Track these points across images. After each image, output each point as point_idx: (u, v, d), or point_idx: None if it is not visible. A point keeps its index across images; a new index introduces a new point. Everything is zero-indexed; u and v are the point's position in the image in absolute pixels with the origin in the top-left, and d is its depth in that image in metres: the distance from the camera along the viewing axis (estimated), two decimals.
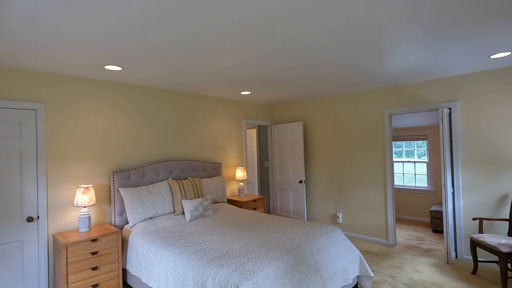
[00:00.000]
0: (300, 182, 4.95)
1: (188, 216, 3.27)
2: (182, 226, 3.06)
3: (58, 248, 2.61)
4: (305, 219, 4.74)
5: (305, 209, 4.94)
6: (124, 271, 2.97)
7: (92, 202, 2.83)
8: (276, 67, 2.89)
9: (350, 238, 4.51)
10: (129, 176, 3.27)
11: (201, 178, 4.04)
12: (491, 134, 3.32)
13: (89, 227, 2.83)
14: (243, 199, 4.36)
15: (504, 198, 3.24)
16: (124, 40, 2.08)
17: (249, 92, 4.16)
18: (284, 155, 5.24)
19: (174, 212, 3.39)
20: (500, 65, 3.14)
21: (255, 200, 4.41)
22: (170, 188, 3.46)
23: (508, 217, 3.19)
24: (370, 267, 3.36)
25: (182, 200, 3.37)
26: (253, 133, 5.93)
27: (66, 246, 2.49)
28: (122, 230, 3.13)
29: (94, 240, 2.66)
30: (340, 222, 4.65)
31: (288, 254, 2.23)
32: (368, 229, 4.35)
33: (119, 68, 2.79)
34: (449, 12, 1.80)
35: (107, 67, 2.73)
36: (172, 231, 2.89)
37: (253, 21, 1.84)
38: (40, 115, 2.77)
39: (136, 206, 3.07)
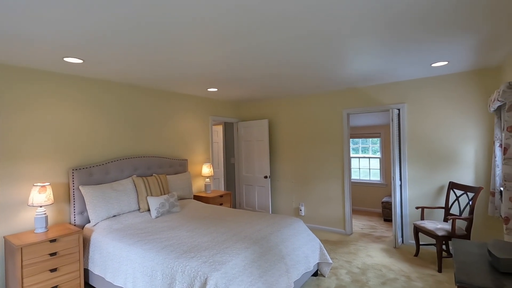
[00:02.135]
0: (265, 177, 5.13)
1: (154, 213, 3.25)
2: (149, 223, 3.04)
3: (11, 250, 2.45)
4: (270, 213, 4.93)
5: (270, 203, 5.13)
6: (86, 272, 2.87)
7: (50, 201, 2.69)
8: (243, 65, 2.98)
9: (311, 229, 4.80)
10: (91, 173, 3.15)
11: (167, 174, 4.00)
12: (432, 133, 3.77)
13: (46, 227, 2.69)
14: (209, 195, 4.41)
15: (441, 189, 3.71)
16: (88, 33, 2.02)
17: (216, 89, 4.20)
18: (250, 151, 5.37)
19: (139, 210, 3.33)
20: (440, 73, 3.58)
21: (221, 196, 4.49)
22: (135, 185, 3.39)
23: (444, 205, 3.67)
24: (329, 255, 3.64)
25: (148, 197, 3.33)
26: (219, 130, 5.97)
27: (21, 248, 2.35)
28: (83, 229, 3.01)
29: (52, 240, 2.54)
30: (303, 214, 4.92)
31: (255, 245, 2.36)
32: (327, 220, 4.67)
33: (80, 61, 2.67)
34: (396, 29, 2.04)
35: (66, 59, 2.59)
36: (138, 228, 2.86)
37: (224, 26, 1.91)
38: None
39: (99, 204, 2.97)
